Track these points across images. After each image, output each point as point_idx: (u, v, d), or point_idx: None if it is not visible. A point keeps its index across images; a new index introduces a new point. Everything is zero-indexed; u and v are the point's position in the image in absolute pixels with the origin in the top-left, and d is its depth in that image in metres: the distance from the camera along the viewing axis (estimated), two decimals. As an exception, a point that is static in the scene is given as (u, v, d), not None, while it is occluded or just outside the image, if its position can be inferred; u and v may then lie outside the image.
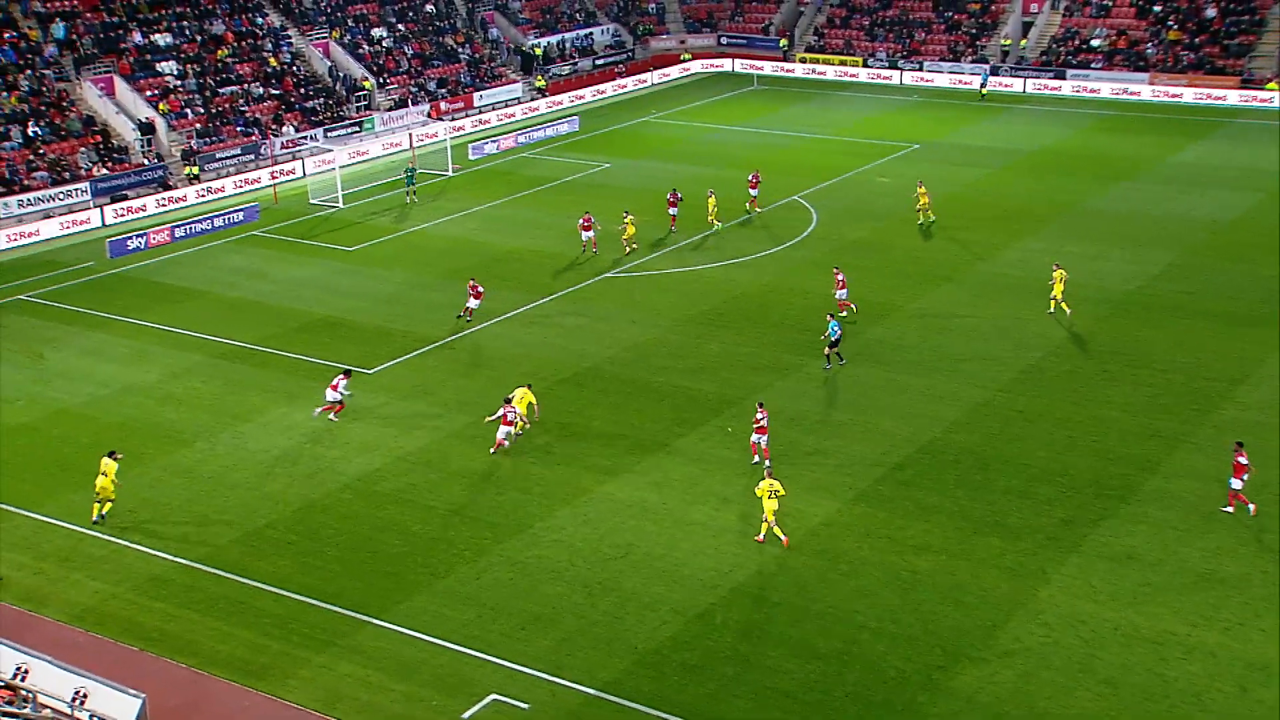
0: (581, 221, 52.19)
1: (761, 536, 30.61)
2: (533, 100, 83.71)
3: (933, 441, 35.48)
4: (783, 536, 30.43)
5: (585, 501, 32.85)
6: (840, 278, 44.43)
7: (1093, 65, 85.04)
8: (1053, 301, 44.18)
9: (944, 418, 36.92)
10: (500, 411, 35.30)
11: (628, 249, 51.60)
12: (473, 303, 44.93)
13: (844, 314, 43.87)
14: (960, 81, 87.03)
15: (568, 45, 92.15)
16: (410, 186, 61.19)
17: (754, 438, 34.30)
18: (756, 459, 34.07)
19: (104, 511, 32.49)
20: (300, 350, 43.06)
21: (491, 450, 35.29)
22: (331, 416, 37.30)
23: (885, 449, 35.11)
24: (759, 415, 34.32)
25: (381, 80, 78.24)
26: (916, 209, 55.13)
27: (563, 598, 28.80)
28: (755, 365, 41.04)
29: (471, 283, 45.50)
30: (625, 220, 52.03)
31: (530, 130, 75.44)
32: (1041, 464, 34.13)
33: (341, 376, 37.63)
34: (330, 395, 37.29)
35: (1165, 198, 58.87)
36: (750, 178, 58.49)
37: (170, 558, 30.80)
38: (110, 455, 32.88)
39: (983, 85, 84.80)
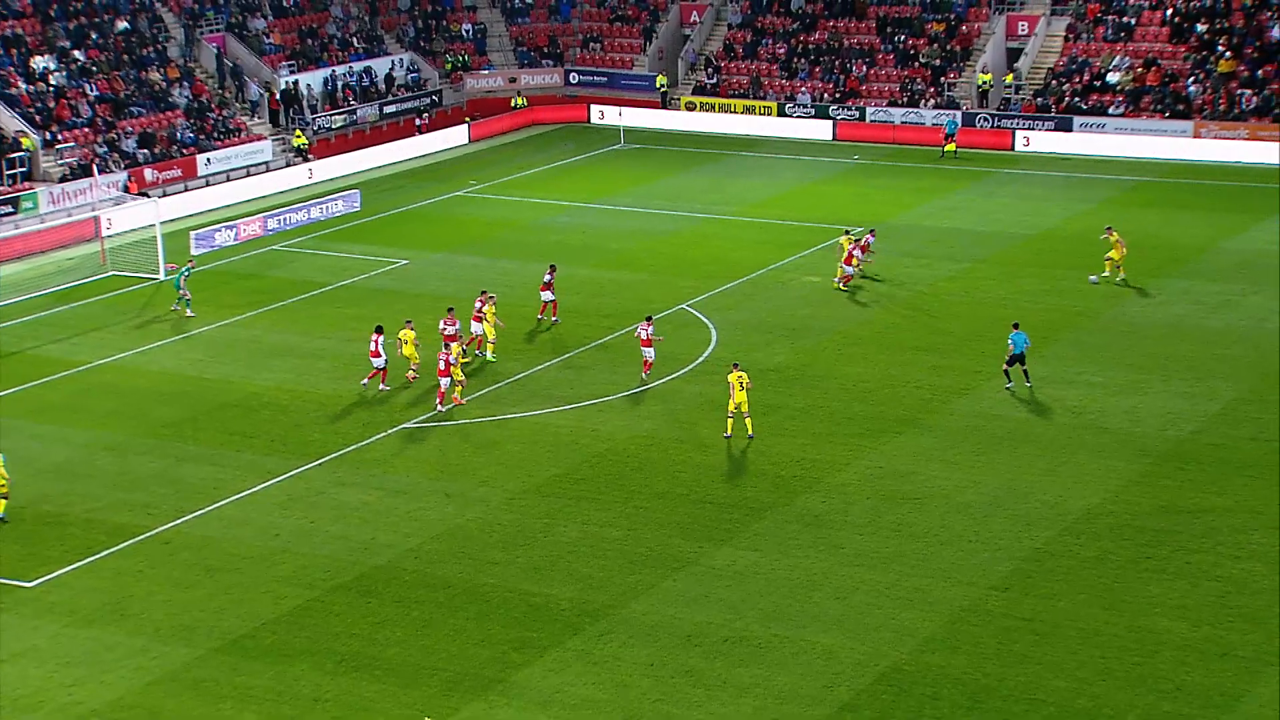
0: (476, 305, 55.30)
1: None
2: (288, 166, 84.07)
3: (898, 667, 35.65)
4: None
5: (375, 773, 32.39)
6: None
7: (1111, 109, 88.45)
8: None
9: (914, 630, 37.18)
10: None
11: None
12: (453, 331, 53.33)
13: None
14: (918, 135, 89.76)
15: (339, 85, 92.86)
16: (180, 291, 61.36)
17: (443, 376, 50.13)
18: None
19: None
20: (-77, 551, 42.04)
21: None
22: (382, 385, 52.11)
23: (828, 680, 35.16)
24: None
25: (49, 136, 77.94)
26: (1107, 257, 63.01)
27: None
28: (632, 555, 41.08)
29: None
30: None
31: (285, 211, 75.57)
32: (1061, 699, 34.44)
33: (375, 335, 51.57)
34: (377, 362, 51.65)
35: (1224, 302, 60.92)
36: (546, 276, 58.84)
37: None
38: (408, 325, 51.92)
39: (949, 137, 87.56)
